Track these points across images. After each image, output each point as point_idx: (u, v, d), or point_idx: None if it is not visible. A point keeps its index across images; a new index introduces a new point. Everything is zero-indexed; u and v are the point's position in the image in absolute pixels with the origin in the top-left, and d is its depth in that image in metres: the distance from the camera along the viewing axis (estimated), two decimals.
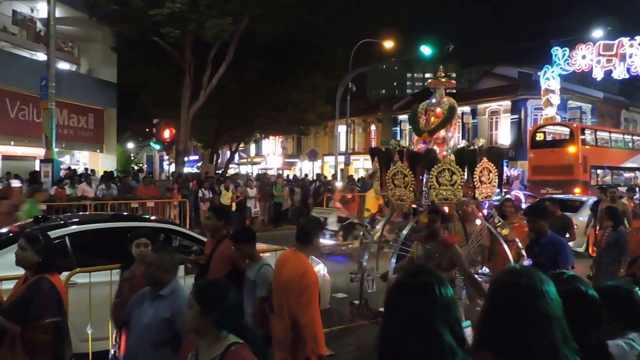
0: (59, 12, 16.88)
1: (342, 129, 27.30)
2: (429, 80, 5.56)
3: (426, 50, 18.91)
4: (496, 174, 4.89)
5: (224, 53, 20.59)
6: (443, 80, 5.45)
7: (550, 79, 24.46)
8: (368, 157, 42.23)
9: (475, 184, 4.69)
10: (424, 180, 4.86)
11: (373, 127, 42.82)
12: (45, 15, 17.10)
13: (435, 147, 5.01)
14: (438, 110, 5.22)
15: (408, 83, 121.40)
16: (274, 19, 20.09)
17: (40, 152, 16.24)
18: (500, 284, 1.73)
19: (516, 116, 32.28)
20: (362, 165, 41.62)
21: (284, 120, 27.00)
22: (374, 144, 42.21)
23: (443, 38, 45.43)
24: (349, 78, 23.36)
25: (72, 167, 23.25)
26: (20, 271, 3.50)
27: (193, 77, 20.86)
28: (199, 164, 35.96)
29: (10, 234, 5.75)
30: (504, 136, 33.45)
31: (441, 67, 5.52)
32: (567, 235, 7.24)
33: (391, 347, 1.64)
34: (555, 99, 24.53)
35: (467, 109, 35.52)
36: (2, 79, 19.99)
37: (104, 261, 4.77)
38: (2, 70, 19.68)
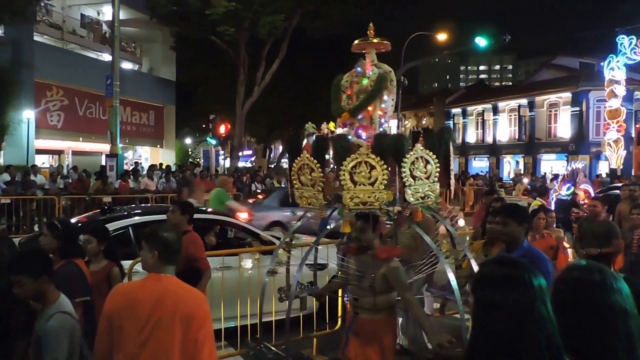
0: (122, 15, 17.79)
1: (393, 123, 27.07)
2: (355, 42, 3.98)
3: (481, 41, 18.49)
4: (437, 165, 3.59)
5: (277, 49, 21.02)
6: (374, 41, 3.93)
7: (614, 69, 23.27)
8: None
9: (405, 180, 3.39)
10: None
11: (425, 121, 42.22)
12: (110, 18, 18.07)
13: (361, 132, 3.76)
14: (365, 81, 3.85)
15: (461, 76, 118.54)
16: (326, 14, 20.27)
17: (105, 147, 17.24)
18: (569, 282, 1.63)
19: (577, 108, 30.93)
20: None
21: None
22: None
23: (499, 28, 44.11)
24: (401, 72, 23.17)
25: (136, 162, 24.50)
26: None
27: (247, 73, 21.43)
28: (253, 159, 36.81)
29: (79, 224, 6.27)
30: (564, 129, 32.16)
31: (371, 24, 4.02)
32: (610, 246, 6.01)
33: (494, 348, 1.53)
34: (620, 90, 23.32)
35: (524, 101, 34.41)
36: (71, 79, 21.28)
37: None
38: (72, 70, 20.95)
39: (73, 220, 6.85)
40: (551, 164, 32.35)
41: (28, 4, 16.05)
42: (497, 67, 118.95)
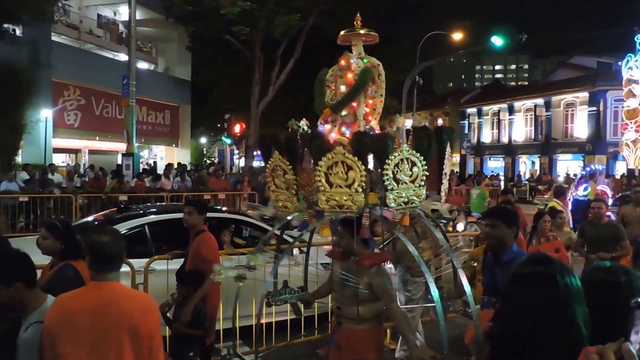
0: (138, 15, 17.93)
1: (408, 123, 26.96)
2: (341, 33, 3.72)
3: (497, 41, 18.31)
4: (425, 168, 3.22)
5: (292, 49, 21.03)
6: (361, 32, 3.64)
7: (633, 69, 22.91)
8: None
9: (386, 184, 3.08)
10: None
11: (440, 121, 41.68)
12: (126, 18, 18.23)
13: (345, 130, 3.50)
14: (349, 75, 3.52)
15: (477, 76, 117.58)
16: (342, 13, 20.23)
17: (122, 146, 17.41)
18: (594, 283, 1.61)
19: (594, 108, 30.51)
20: None
21: None
22: None
23: (515, 27, 43.66)
24: (416, 71, 23.06)
25: (155, 161, 24.73)
26: None
27: (262, 73, 21.47)
28: None
29: (95, 222, 6.32)
30: (581, 129, 31.76)
31: (358, 14, 3.69)
32: (619, 249, 5.58)
33: (514, 343, 1.52)
34: (639, 90, 22.94)
35: (540, 101, 34.05)
36: (88, 78, 21.53)
37: (180, 249, 4.97)
38: (88, 70, 21.19)
39: (90, 219, 6.95)
40: (567, 164, 31.97)
41: (46, 4, 16.25)
42: (513, 66, 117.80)
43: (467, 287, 3.16)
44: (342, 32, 3.69)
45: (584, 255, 5.94)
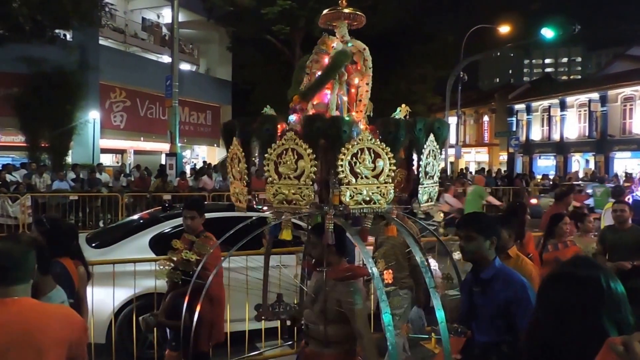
0: (181, 17, 18.17)
1: (452, 120, 26.34)
2: (324, 12, 3.30)
3: (548, 33, 17.45)
4: (392, 162, 2.77)
5: None
6: (345, 11, 3.24)
7: None
8: (480, 149, 39.89)
9: (341, 177, 2.68)
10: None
11: (486, 118, 40.73)
12: (169, 21, 18.52)
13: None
14: (326, 59, 3.16)
15: (525, 70, 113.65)
16: (383, 9, 19.89)
17: (165, 147, 17.73)
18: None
19: None
20: (473, 158, 39.88)
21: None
22: (486, 135, 40.21)
23: (567, 18, 41.89)
24: (460, 67, 22.40)
25: (204, 160, 25.13)
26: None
27: None
28: None
29: (141, 221, 6.34)
30: None
31: None
32: None
33: (542, 347, 1.48)
34: None
35: (595, 95, 32.41)
36: (133, 80, 22.07)
37: (220, 247, 4.98)
38: (133, 72, 21.72)
39: (135, 217, 7.03)
40: (625, 163, 30.30)
41: (94, 10, 16.72)
42: (565, 59, 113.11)
43: (437, 302, 2.65)
44: (324, 12, 3.29)
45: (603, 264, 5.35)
